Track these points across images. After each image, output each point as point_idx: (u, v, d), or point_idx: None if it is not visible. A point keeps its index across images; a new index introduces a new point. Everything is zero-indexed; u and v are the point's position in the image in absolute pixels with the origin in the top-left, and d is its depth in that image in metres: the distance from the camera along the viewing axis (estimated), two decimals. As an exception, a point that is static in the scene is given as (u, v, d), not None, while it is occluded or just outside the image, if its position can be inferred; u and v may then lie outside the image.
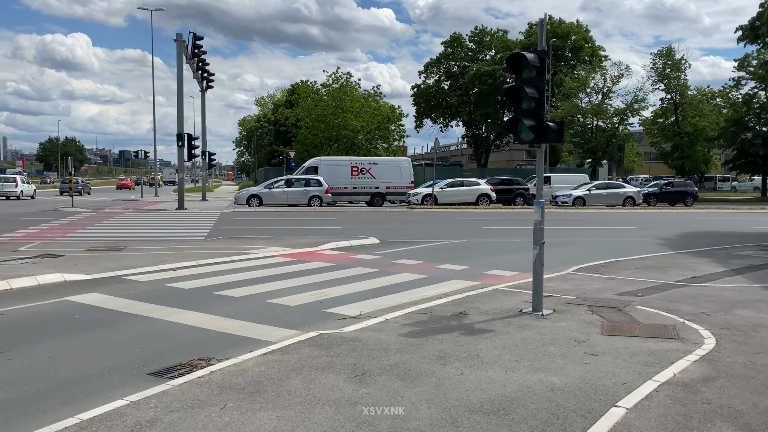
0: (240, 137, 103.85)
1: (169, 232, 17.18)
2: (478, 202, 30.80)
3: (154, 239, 15.01)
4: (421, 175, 39.42)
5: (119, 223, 19.67)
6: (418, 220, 23.39)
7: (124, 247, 13.18)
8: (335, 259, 12.25)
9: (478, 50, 53.54)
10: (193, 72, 30.20)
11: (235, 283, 9.47)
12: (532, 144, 7.42)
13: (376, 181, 31.35)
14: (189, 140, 25.90)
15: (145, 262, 11.11)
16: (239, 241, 14.52)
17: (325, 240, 14.82)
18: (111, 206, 29.49)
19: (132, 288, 9.04)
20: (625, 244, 15.71)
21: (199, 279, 9.79)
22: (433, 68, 55.06)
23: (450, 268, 11.47)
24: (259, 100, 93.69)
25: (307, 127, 50.30)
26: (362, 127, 49.64)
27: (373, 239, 15.28)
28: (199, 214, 24.24)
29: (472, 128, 55.80)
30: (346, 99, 49.45)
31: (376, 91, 52.86)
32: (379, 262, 11.96)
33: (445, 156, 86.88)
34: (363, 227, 19.24)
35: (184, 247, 13.33)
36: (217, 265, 11.21)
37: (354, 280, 10.04)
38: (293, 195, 28.46)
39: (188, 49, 26.86)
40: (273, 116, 67.54)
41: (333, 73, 51.23)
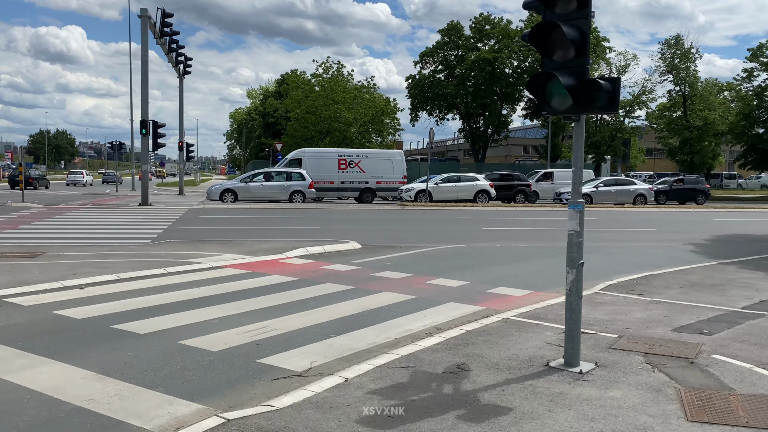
0: (230, 130, 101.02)
1: (113, 232, 14.62)
2: (476, 200, 28.27)
3: (87, 242, 12.46)
4: (415, 170, 36.86)
5: (62, 221, 17.09)
6: (410, 219, 20.87)
7: (42, 253, 10.64)
8: (300, 271, 9.74)
9: (478, 39, 50.84)
10: (165, 53, 27.53)
11: (151, 310, 6.96)
12: (569, 114, 4.91)
13: (365, 175, 28.75)
14: (154, 128, 23.27)
15: (52, 275, 8.59)
16: (189, 246, 11.98)
17: (295, 244, 12.29)
18: (69, 201, 26.80)
19: (2, 317, 6.52)
20: (653, 250, 13.25)
21: (106, 302, 7.28)
22: (429, 58, 52.33)
23: (444, 284, 8.99)
24: (251, 92, 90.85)
25: (296, 118, 47.68)
26: (355, 120, 47.05)
27: (353, 244, 12.76)
28: (161, 211, 21.64)
29: (469, 121, 53.14)
30: (338, 90, 46.87)
31: (369, 83, 50.23)
32: (356, 276, 9.47)
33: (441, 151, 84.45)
34: (345, 228, 16.72)
35: (116, 254, 10.80)
36: (143, 280, 8.68)
37: (316, 303, 7.54)
38: (272, 190, 25.84)
39: (156, 27, 24.21)
40: (262, 107, 64.84)
41: (323, 62, 48.61)
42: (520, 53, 48.53)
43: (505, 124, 53.30)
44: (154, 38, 24.85)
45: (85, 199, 28.39)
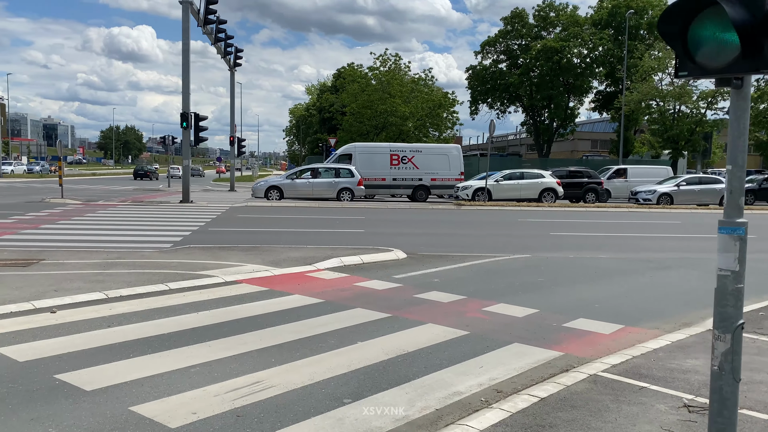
0: (290, 126, 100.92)
1: (136, 234, 13.28)
2: (542, 199, 25.85)
3: (100, 246, 11.11)
4: (474, 165, 34.63)
5: (87, 220, 15.92)
6: (466, 221, 18.85)
7: (39, 260, 9.29)
8: (328, 289, 7.97)
9: (542, 27, 47.94)
10: (212, 43, 26.40)
11: (119, 350, 5.33)
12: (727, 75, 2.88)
13: (419, 171, 26.79)
14: (196, 121, 22.07)
15: (28, 292, 7.14)
16: (209, 254, 10.42)
17: (330, 253, 10.55)
18: (109, 197, 26.03)
19: (-75, 358, 5.03)
20: (763, 265, 10.80)
21: (68, 334, 5.71)
22: (491, 48, 49.80)
23: (506, 311, 7.04)
24: (309, 88, 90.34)
25: (352, 113, 46.25)
26: (411, 114, 45.15)
27: (397, 252, 10.90)
28: (200, 209, 20.38)
29: (532, 114, 50.34)
30: (395, 83, 45.07)
31: (427, 75, 48.18)
32: (395, 297, 7.63)
33: (501, 146, 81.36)
34: (392, 231, 14.91)
35: (123, 263, 9.34)
36: (135, 300, 7.11)
37: (337, 341, 5.75)
38: (319, 187, 24.24)
39: (200, 14, 23.02)
40: (319, 102, 63.81)
41: (380, 55, 46.86)
42: (589, 41, 45.34)
43: (571, 117, 50.24)
44: (198, 26, 23.69)
45: (129, 196, 27.68)
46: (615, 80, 47.12)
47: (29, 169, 62.04)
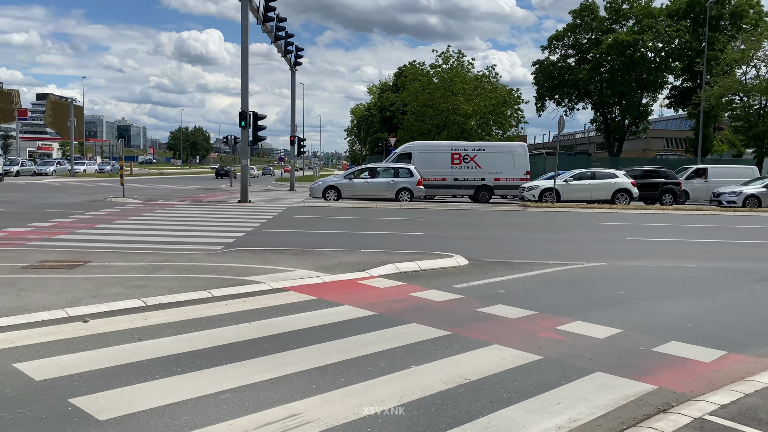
0: (351, 126, 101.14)
1: (189, 235, 12.96)
2: (615, 200, 24.29)
3: (149, 248, 10.79)
4: (540, 165, 33.23)
5: (143, 220, 15.79)
6: (533, 224, 17.75)
7: (85, 262, 8.99)
8: (381, 300, 7.25)
9: (614, 20, 45.68)
10: (272, 41, 26.19)
11: (144, 369, 4.77)
12: None
13: (482, 171, 25.73)
14: (254, 120, 21.84)
15: (66, 298, 6.75)
16: (259, 257, 9.90)
17: (385, 258, 9.82)
18: (170, 197, 26.22)
19: (-61, 373, 4.61)
20: None
21: (94, 349, 5.21)
22: (558, 42, 47.89)
23: (584, 331, 6.12)
24: (371, 87, 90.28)
25: (413, 112, 45.47)
26: (474, 112, 43.95)
27: (458, 258, 10.06)
28: (257, 209, 20.09)
29: (602, 111, 48.08)
30: (457, 80, 43.99)
31: (491, 72, 46.81)
32: (455, 311, 6.83)
33: (569, 144, 78.69)
34: (452, 234, 14.07)
35: (169, 266, 8.92)
36: (173, 309, 6.60)
37: (388, 363, 5.01)
38: (378, 187, 23.58)
39: (259, 11, 22.78)
40: (379, 102, 63.36)
41: (443, 53, 45.87)
42: (665, 34, 42.85)
43: (644, 114, 47.69)
44: (258, 24, 23.49)
45: (188, 195, 27.87)
46: (692, 75, 44.41)
47: (101, 168, 64.43)
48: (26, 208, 18.61)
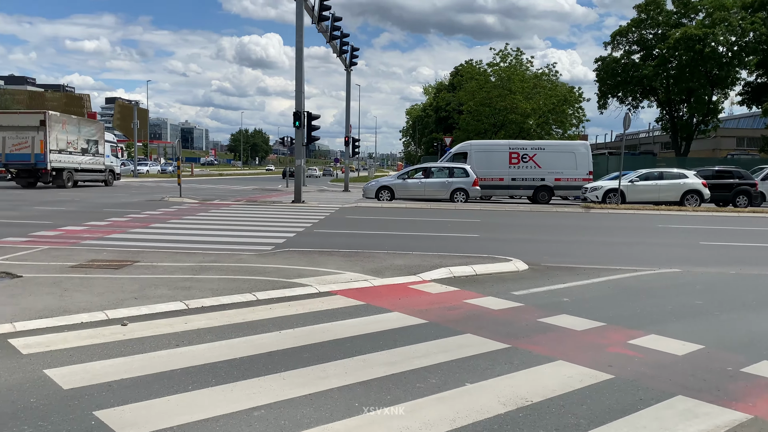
0: (406, 127, 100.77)
1: (240, 235, 12.80)
2: (684, 202, 22.95)
3: (199, 248, 10.65)
4: (602, 165, 31.87)
5: (196, 220, 15.75)
6: (597, 226, 16.85)
7: (133, 262, 8.87)
8: (433, 307, 6.76)
9: (682, 13, 43.55)
10: (327, 41, 26.07)
11: (178, 378, 4.46)
12: None
13: (541, 170, 24.81)
14: (308, 120, 21.69)
15: (109, 299, 6.58)
16: (308, 259, 9.57)
17: (438, 261, 9.33)
18: (226, 197, 26.42)
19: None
20: None
21: (128, 355, 4.95)
22: (622, 38, 46.04)
23: (659, 346, 5.48)
24: (427, 88, 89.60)
25: (469, 111, 44.72)
26: (533, 110, 42.81)
27: (516, 263, 9.46)
28: (310, 210, 19.91)
29: (669, 109, 45.92)
30: (515, 79, 42.96)
31: (551, 70, 45.51)
32: (514, 321, 6.27)
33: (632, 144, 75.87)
34: (510, 237, 13.43)
35: (215, 267, 8.70)
36: (215, 313, 6.31)
37: (440, 379, 4.53)
38: (432, 187, 23.03)
39: (314, 10, 22.65)
40: (435, 102, 62.72)
41: (500, 51, 44.90)
42: (738, 27, 40.53)
43: (714, 111, 45.31)
44: (313, 23, 23.40)
45: (243, 195, 28.06)
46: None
47: (163, 169, 66.34)
48: (86, 207, 19.03)
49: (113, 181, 35.33)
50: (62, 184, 29.12)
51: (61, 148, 28.93)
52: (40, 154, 27.50)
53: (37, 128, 27.53)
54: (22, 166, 28.10)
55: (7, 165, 28.37)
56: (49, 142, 27.68)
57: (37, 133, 27.46)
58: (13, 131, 27.65)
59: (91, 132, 32.40)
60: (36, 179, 28.86)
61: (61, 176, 29.01)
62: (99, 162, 33.08)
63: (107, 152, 34.48)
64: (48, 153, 27.65)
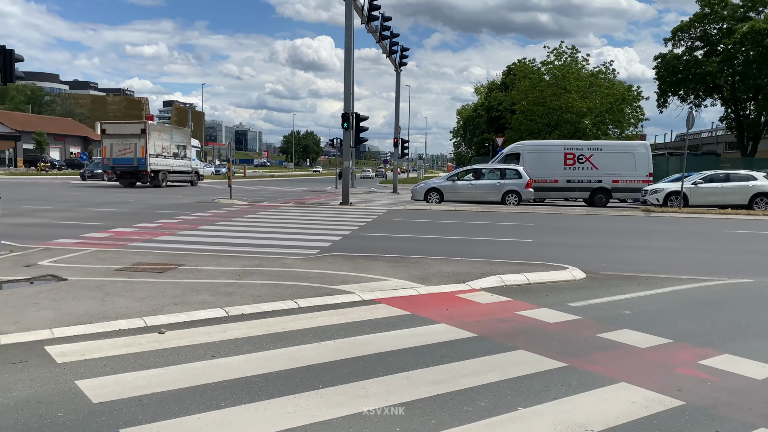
0: (457, 128, 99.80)
1: (286, 238, 12.65)
2: (753, 205, 21.66)
3: (244, 251, 10.53)
4: (662, 166, 30.52)
5: (244, 222, 15.70)
6: (659, 231, 16.00)
7: (177, 266, 8.79)
8: (483, 319, 6.35)
9: (750, 6, 41.38)
10: (376, 41, 25.85)
11: (210, 393, 4.23)
12: None
13: (598, 172, 23.88)
14: (357, 121, 21.50)
15: (148, 305, 6.45)
16: (352, 264, 9.30)
17: (488, 269, 8.89)
18: (276, 198, 26.50)
19: (4, 385, 4.29)
20: None
21: (162, 366, 4.75)
22: (683, 34, 44.08)
23: (735, 370, 4.94)
24: (478, 88, 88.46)
25: (522, 111, 43.74)
26: (589, 110, 41.50)
27: (573, 271, 8.93)
28: (357, 212, 19.68)
29: (735, 107, 43.71)
30: (570, 77, 41.76)
31: (607, 68, 44.04)
32: (572, 336, 5.81)
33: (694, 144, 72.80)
34: (566, 242, 12.83)
35: (259, 271, 8.52)
36: (255, 321, 6.09)
37: (490, 402, 4.15)
38: (482, 189, 22.44)
39: (363, 11, 22.45)
40: (486, 101, 61.75)
41: (555, 48, 43.73)
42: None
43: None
44: (362, 23, 23.22)
45: (292, 197, 28.12)
46: None
47: (216, 170, 67.52)
48: (138, 208, 19.37)
49: (198, 181, 38.75)
50: (158, 183, 33.08)
51: (158, 152, 32.86)
52: (141, 158, 31.56)
53: (138, 136, 31.60)
54: (126, 168, 32.21)
55: (114, 168, 32.69)
56: (149, 147, 31.70)
57: (139, 140, 31.50)
58: (119, 139, 31.86)
59: (180, 138, 36.35)
60: (137, 179, 32.83)
61: (157, 177, 32.95)
62: (187, 165, 37.13)
63: (193, 156, 38.25)
64: (147, 157, 31.63)
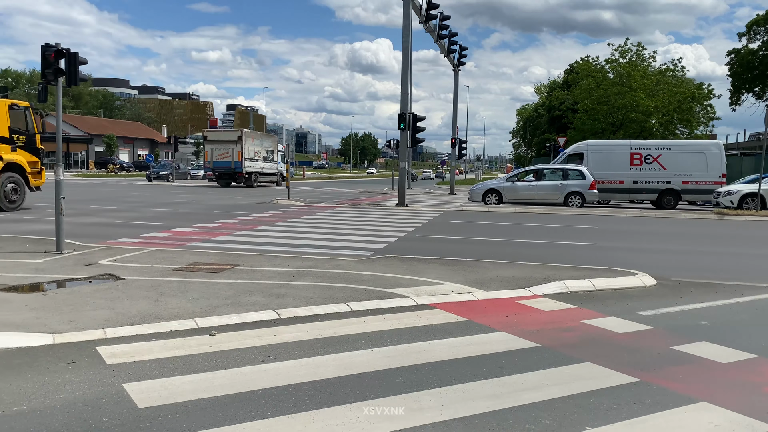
0: (516, 128, 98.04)
1: (340, 240, 12.51)
2: (839, 208, 20.17)
3: (298, 252, 10.45)
4: (735, 167, 28.90)
5: (300, 223, 15.66)
6: (734, 236, 15.05)
7: (232, 266, 8.76)
8: (546, 327, 5.98)
9: (834, -5, 38.91)
10: (434, 41, 25.54)
11: (258, 400, 4.06)
12: None
13: (667, 173, 22.78)
14: (413, 122, 21.22)
15: (201, 306, 6.39)
16: (407, 266, 9.05)
17: (550, 273, 8.46)
18: (332, 199, 26.55)
19: (53, 386, 4.25)
20: None
21: (212, 371, 4.63)
22: (760, 28, 41.78)
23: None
24: (539, 87, 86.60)
25: (585, 110, 42.49)
26: (656, 108, 39.89)
27: (642, 277, 8.39)
28: (413, 213, 19.41)
29: (817, 104, 41.15)
30: (636, 75, 40.25)
31: (675, 65, 42.25)
32: (643, 348, 5.37)
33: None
34: (632, 246, 12.19)
35: (312, 273, 8.38)
36: (307, 325, 5.92)
37: (555, 421, 3.81)
38: (543, 190, 21.76)
39: (422, 9, 22.17)
40: (548, 101, 60.35)
41: (620, 46, 42.27)
42: None
43: None
44: (420, 23, 22.96)
45: (348, 198, 28.11)
46: None
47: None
48: (199, 209, 19.73)
49: (282, 182, 41.64)
50: (251, 184, 37.07)
51: (251, 156, 37.00)
52: (237, 162, 35.81)
53: (235, 142, 35.90)
54: (224, 170, 36.65)
55: (214, 170, 37.34)
56: (244, 152, 35.84)
57: (236, 145, 35.77)
58: (219, 144, 36.39)
59: (269, 144, 40.76)
60: (233, 180, 37.00)
61: (250, 178, 37.07)
62: (274, 167, 41.38)
63: (278, 159, 41.96)
64: (243, 161, 35.80)
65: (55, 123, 10.05)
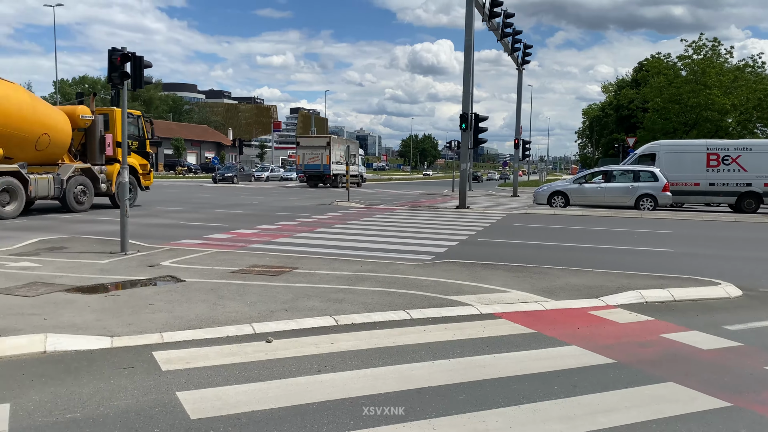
0: (582, 128, 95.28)
1: (401, 242, 12.25)
2: None
3: (361, 254, 10.26)
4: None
5: (360, 225, 15.47)
6: (825, 240, 13.90)
7: (291, 269, 8.65)
8: (622, 341, 5.53)
9: None
10: (498, 39, 24.94)
11: (312, 414, 3.85)
12: None
13: (747, 174, 21.41)
14: (475, 122, 20.73)
15: (258, 310, 6.28)
16: (469, 272, 8.70)
17: (624, 282, 7.93)
18: (392, 201, 26.33)
19: (109, 392, 4.18)
20: None
21: (267, 380, 4.46)
22: None
23: None
24: (606, 86, 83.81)
25: (656, 109, 40.72)
26: (733, 107, 37.77)
27: (726, 287, 7.74)
28: (475, 216, 18.93)
29: None
30: (711, 72, 38.23)
31: (755, 61, 39.91)
32: (731, 367, 4.87)
33: None
34: (712, 252, 11.40)
35: (373, 278, 8.17)
36: (365, 333, 5.70)
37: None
38: (613, 193, 20.82)
39: (485, 8, 21.66)
40: (615, 100, 58.26)
41: (693, 42, 40.26)
42: None
43: None
44: (483, 21, 22.46)
45: (408, 200, 27.85)
46: None
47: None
48: (261, 210, 19.92)
49: (362, 183, 46.72)
50: (336, 185, 39.96)
51: (337, 160, 40.10)
52: (326, 165, 39.38)
53: (324, 147, 39.47)
54: (313, 172, 40.22)
55: (305, 172, 40.80)
56: (332, 156, 39.23)
57: (324, 150, 39.31)
58: (309, 149, 40.13)
59: (353, 149, 43.20)
60: (321, 181, 40.33)
61: (336, 180, 40.30)
62: (356, 170, 44.27)
63: (359, 162, 46.21)
64: (330, 164, 39.24)
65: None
